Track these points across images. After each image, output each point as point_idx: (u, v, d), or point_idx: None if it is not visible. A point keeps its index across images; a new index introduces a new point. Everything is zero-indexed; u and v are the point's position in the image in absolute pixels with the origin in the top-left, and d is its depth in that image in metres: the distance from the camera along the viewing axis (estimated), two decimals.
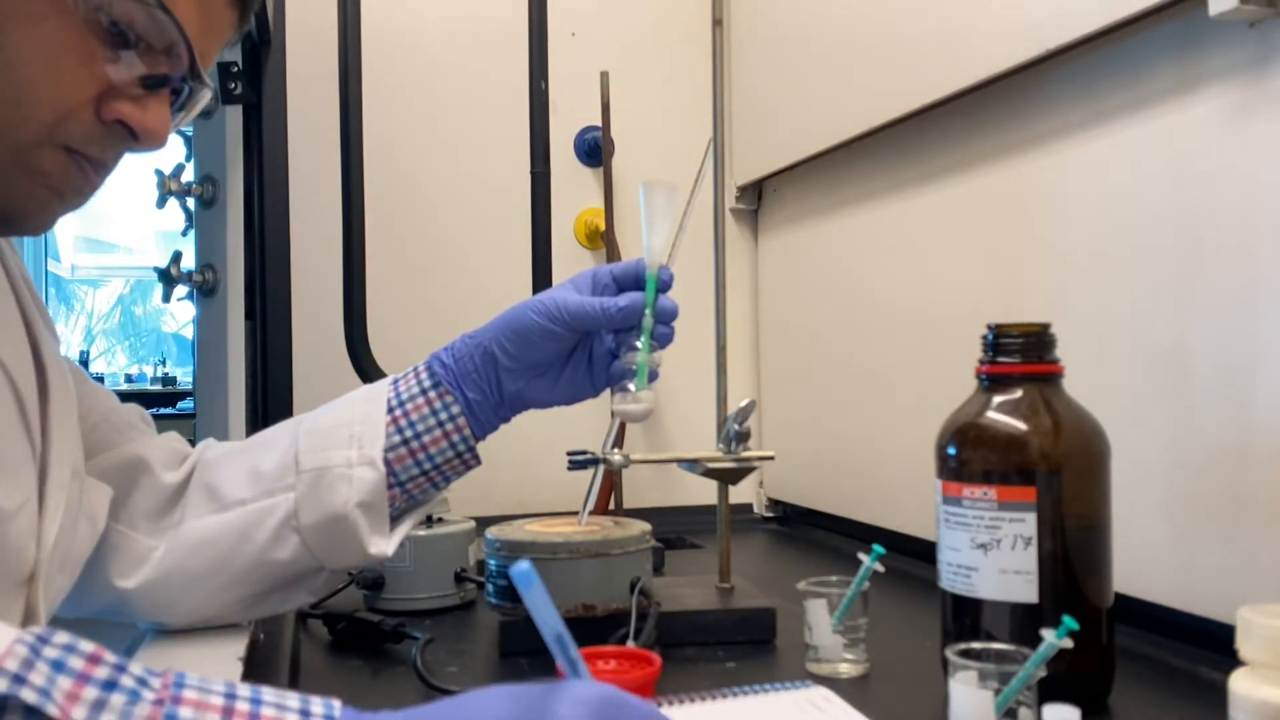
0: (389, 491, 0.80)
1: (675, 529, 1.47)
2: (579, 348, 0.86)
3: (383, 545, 0.80)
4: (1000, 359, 0.76)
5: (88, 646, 0.40)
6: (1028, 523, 0.71)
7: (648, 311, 0.84)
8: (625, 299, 0.83)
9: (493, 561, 0.91)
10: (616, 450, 0.89)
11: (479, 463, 0.85)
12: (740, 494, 1.38)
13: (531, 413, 0.88)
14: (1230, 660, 0.56)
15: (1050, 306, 0.93)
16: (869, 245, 1.36)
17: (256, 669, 0.78)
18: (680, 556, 1.36)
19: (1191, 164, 0.85)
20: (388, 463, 0.80)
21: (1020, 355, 0.75)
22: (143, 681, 0.40)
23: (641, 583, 0.88)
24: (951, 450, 0.75)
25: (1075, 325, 0.82)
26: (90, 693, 0.38)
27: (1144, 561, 0.86)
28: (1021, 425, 0.73)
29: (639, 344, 0.84)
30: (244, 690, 0.42)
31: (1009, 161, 1.08)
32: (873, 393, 1.35)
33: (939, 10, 1.13)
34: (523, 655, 0.88)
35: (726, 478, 0.98)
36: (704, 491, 1.15)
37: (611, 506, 1.52)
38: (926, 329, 1.21)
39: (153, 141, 0.63)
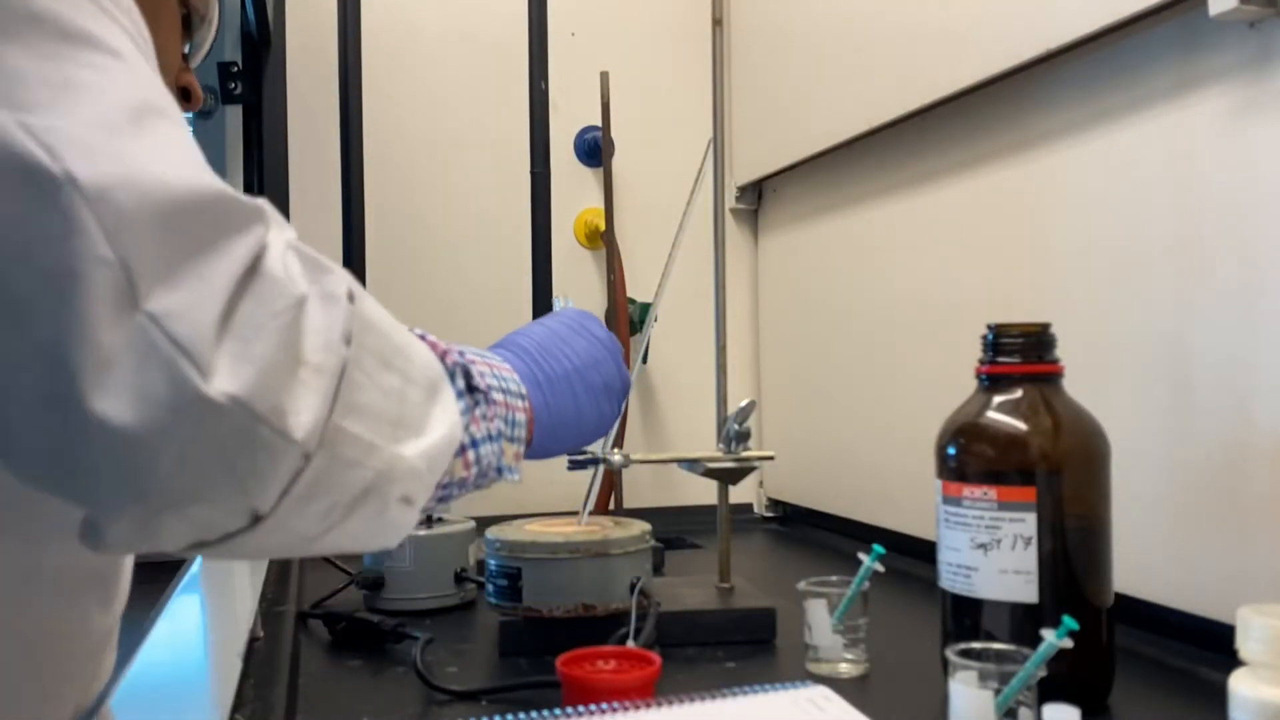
0: None
1: (675, 529, 1.46)
2: None
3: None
4: (1000, 359, 0.76)
5: None
6: (1028, 523, 0.71)
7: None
8: None
9: (493, 561, 0.91)
10: (616, 450, 0.89)
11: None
12: (740, 494, 1.38)
13: None
14: (1230, 660, 0.56)
15: (1050, 306, 0.93)
16: (869, 245, 1.36)
17: (256, 668, 0.78)
18: (680, 556, 1.36)
19: (1191, 164, 0.85)
20: None
21: (1020, 355, 0.75)
22: None
23: (641, 583, 0.88)
24: (951, 450, 0.75)
25: (1075, 325, 0.81)
26: None
27: (1144, 561, 0.86)
28: (1021, 425, 0.73)
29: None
30: None
31: (1009, 162, 1.08)
32: (872, 393, 1.35)
33: (939, 10, 1.13)
34: (523, 655, 0.88)
35: (726, 478, 0.98)
36: (704, 491, 1.15)
37: (611, 506, 1.52)
38: (926, 329, 1.21)
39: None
